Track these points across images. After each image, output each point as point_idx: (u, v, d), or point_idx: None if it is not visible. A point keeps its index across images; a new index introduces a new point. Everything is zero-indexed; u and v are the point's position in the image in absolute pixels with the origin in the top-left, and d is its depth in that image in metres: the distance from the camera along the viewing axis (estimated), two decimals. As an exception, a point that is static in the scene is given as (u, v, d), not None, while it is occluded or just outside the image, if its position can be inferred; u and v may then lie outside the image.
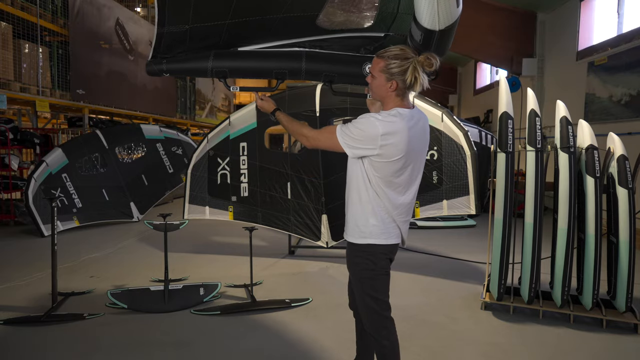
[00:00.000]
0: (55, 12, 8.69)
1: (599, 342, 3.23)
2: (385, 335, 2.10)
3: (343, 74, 2.38)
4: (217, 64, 2.32)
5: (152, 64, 2.35)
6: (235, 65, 2.35)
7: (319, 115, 5.14)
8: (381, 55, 1.98)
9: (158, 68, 2.35)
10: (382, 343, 2.10)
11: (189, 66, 2.37)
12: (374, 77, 2.01)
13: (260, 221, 5.38)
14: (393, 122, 1.93)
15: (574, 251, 3.48)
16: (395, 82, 1.95)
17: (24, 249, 5.90)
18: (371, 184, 2.00)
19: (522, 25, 9.60)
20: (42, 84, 8.17)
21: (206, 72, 2.34)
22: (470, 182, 4.61)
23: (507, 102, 3.64)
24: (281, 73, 2.35)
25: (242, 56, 2.36)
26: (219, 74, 2.35)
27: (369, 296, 2.08)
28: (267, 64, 2.36)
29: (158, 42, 2.18)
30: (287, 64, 2.34)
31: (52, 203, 3.71)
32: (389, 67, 1.94)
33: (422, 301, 4.00)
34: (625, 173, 3.42)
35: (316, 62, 2.36)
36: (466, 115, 14.92)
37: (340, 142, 1.99)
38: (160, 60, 2.33)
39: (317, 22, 2.24)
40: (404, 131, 1.93)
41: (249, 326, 3.47)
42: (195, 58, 2.33)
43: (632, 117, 6.56)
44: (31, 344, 3.14)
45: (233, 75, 2.38)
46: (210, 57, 2.31)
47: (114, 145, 8.01)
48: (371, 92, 2.09)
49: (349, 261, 2.15)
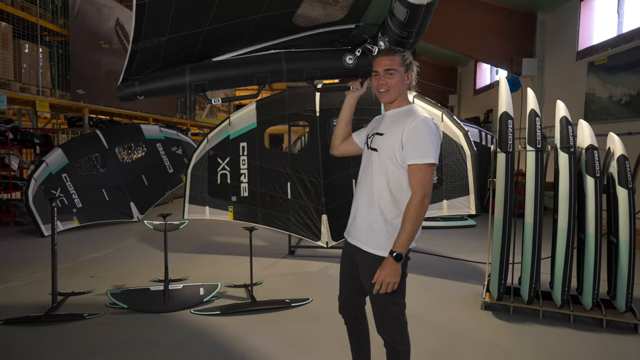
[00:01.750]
0: (55, 12, 8.69)
1: (599, 342, 3.23)
2: (401, 341, 2.07)
3: (324, 69, 2.32)
4: (195, 77, 2.19)
5: (124, 87, 2.19)
6: (214, 76, 2.23)
7: (319, 115, 5.14)
8: (392, 52, 2.00)
9: (131, 92, 2.19)
10: (397, 348, 2.07)
11: (165, 84, 2.20)
12: (396, 72, 1.99)
13: (260, 221, 5.39)
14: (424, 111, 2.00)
15: (574, 251, 3.48)
16: (411, 74, 2.03)
17: (24, 249, 5.90)
18: (405, 189, 1.98)
19: (522, 25, 9.60)
20: (42, 84, 8.17)
21: (184, 88, 2.20)
22: (470, 182, 4.61)
23: (507, 102, 3.64)
24: (263, 77, 2.26)
25: (219, 66, 2.26)
26: (198, 88, 2.21)
27: (392, 303, 2.02)
28: (247, 70, 2.26)
29: (130, 61, 2.02)
30: (267, 67, 2.26)
31: (52, 203, 3.71)
32: (405, 60, 2.00)
33: (422, 301, 4.00)
34: (625, 173, 3.42)
35: (296, 61, 2.30)
36: (466, 115, 14.92)
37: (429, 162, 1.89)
38: (132, 82, 2.19)
39: (293, 19, 2.16)
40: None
41: (249, 326, 3.47)
42: (170, 75, 2.20)
43: (632, 117, 6.56)
44: (31, 344, 3.14)
45: (213, 87, 2.26)
46: (186, 72, 2.19)
47: (114, 145, 8.02)
48: (389, 90, 2.01)
49: (372, 271, 1.96)
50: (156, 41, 1.94)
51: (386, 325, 2.06)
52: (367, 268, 2.04)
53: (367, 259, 2.04)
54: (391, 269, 1.88)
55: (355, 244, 2.11)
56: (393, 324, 2.05)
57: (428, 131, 1.91)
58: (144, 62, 2.08)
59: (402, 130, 1.94)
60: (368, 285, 2.04)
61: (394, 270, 1.88)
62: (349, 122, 2.35)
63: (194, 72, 2.19)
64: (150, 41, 1.91)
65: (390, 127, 2.03)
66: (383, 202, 1.99)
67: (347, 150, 2.35)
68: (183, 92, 2.32)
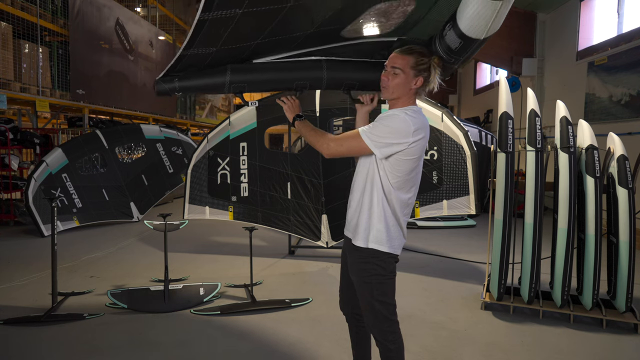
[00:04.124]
0: (55, 12, 8.69)
1: (599, 342, 3.23)
2: (392, 340, 2.07)
3: (363, 81, 2.29)
4: (235, 78, 2.18)
5: (162, 82, 2.17)
6: (253, 78, 2.22)
7: (319, 115, 5.14)
8: (409, 51, 1.97)
9: (169, 87, 2.17)
10: (388, 347, 2.07)
11: (204, 82, 2.20)
12: (402, 72, 1.96)
13: (260, 221, 5.39)
14: (421, 119, 1.95)
15: (574, 251, 3.48)
16: (421, 79, 1.96)
17: (24, 249, 5.90)
18: (384, 186, 1.97)
19: (522, 25, 9.60)
20: (42, 84, 8.17)
21: (223, 88, 2.19)
22: (470, 182, 4.61)
23: (507, 102, 3.64)
24: (302, 84, 2.24)
25: (259, 69, 2.23)
26: (237, 89, 2.21)
27: (378, 302, 2.03)
28: (288, 75, 2.25)
29: (176, 63, 2.02)
30: (308, 74, 2.24)
31: (52, 203, 3.71)
32: (419, 64, 1.95)
33: (422, 301, 4.00)
34: (625, 173, 3.42)
35: (336, 70, 2.27)
36: (466, 115, 14.92)
37: (367, 143, 1.92)
38: (172, 78, 2.17)
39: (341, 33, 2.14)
40: (427, 127, 1.98)
41: (249, 326, 3.47)
42: (210, 73, 2.19)
43: (632, 117, 6.56)
44: (31, 344, 3.14)
45: (251, 89, 2.25)
46: (227, 72, 2.17)
47: (114, 145, 8.02)
48: (386, 88, 2.00)
49: (356, 267, 2.06)
50: (207, 50, 1.95)
51: (375, 324, 2.08)
52: (352, 262, 2.11)
53: (353, 252, 2.09)
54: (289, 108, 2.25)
55: (347, 235, 2.17)
56: (382, 322, 2.06)
57: (394, 121, 1.92)
58: (189, 65, 2.09)
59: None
60: (354, 281, 2.11)
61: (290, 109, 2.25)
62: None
63: (234, 72, 2.19)
64: (201, 49, 1.93)
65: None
66: (365, 197, 2.03)
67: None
68: (221, 92, 2.27)
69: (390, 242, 2.00)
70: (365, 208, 2.02)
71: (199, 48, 1.91)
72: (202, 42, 1.85)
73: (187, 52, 1.92)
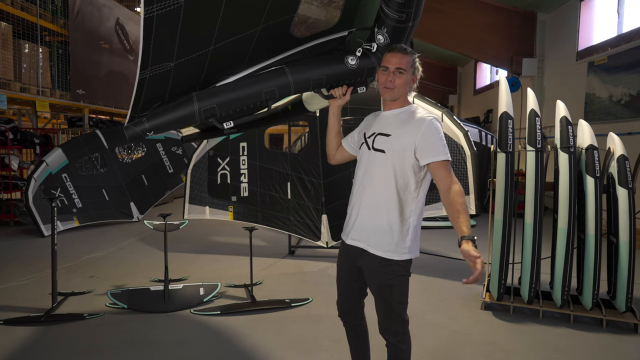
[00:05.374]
0: (55, 12, 8.70)
1: (599, 342, 3.23)
2: (404, 340, 2.08)
3: (329, 75, 2.28)
4: (203, 103, 2.12)
5: (132, 127, 2.05)
6: (221, 99, 2.16)
7: (318, 115, 5.14)
8: (405, 51, 2.01)
9: (140, 129, 2.06)
10: (400, 348, 2.07)
11: (174, 116, 2.11)
12: (405, 72, 1.99)
13: (260, 221, 5.39)
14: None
15: (574, 251, 3.48)
16: (416, 77, 2.06)
17: (24, 249, 5.90)
18: (419, 193, 2.02)
19: (522, 25, 9.60)
20: (42, 84, 8.18)
21: (194, 116, 2.11)
22: (470, 182, 4.61)
23: (507, 102, 3.64)
24: (270, 92, 2.20)
25: (225, 90, 2.20)
26: (208, 113, 2.13)
27: (399, 303, 2.04)
28: (254, 88, 2.21)
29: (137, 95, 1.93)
30: (273, 82, 2.21)
31: (52, 203, 3.71)
32: (414, 62, 2.03)
33: (422, 301, 4.00)
34: (625, 173, 3.42)
35: (300, 72, 2.25)
36: (466, 115, 14.91)
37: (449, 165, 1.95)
38: (140, 120, 2.08)
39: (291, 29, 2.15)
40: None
41: (249, 326, 3.47)
42: (177, 106, 2.11)
43: (632, 117, 6.56)
44: (31, 344, 3.14)
45: (222, 110, 2.18)
46: (193, 100, 2.11)
47: (114, 145, 8.00)
48: (393, 88, 2.01)
49: (380, 276, 2.02)
50: (164, 67, 1.89)
51: (391, 327, 2.07)
52: (374, 271, 2.03)
53: (374, 262, 2.02)
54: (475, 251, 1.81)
55: (357, 246, 2.08)
56: (397, 323, 2.07)
57: (439, 131, 1.97)
58: (151, 94, 2.01)
59: (416, 132, 1.95)
60: (375, 287, 2.06)
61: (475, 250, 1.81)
62: (339, 131, 2.33)
63: (201, 99, 2.14)
64: (158, 67, 1.86)
65: (398, 128, 2.01)
66: (390, 204, 1.98)
67: (343, 158, 2.34)
68: (193, 122, 2.18)
69: (417, 248, 2.14)
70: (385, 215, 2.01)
71: (155, 65, 1.83)
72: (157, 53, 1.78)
73: (146, 74, 1.84)
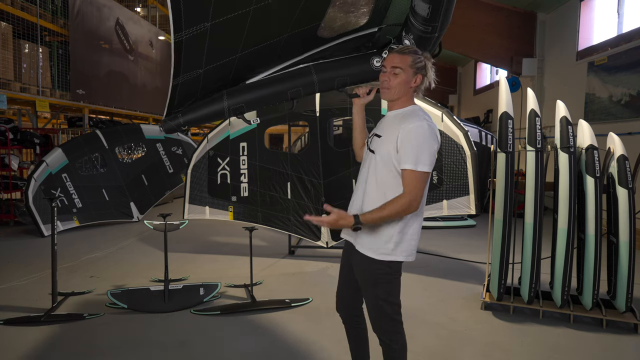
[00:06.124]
0: (55, 12, 8.70)
1: (599, 342, 3.23)
2: (396, 339, 2.07)
3: (354, 75, 2.35)
4: (232, 101, 2.30)
5: (168, 121, 2.32)
6: (249, 97, 2.32)
7: (319, 115, 5.14)
8: (405, 51, 2.00)
9: (175, 124, 2.31)
10: (392, 347, 2.07)
11: (205, 112, 2.32)
12: (402, 71, 1.98)
13: (260, 221, 5.39)
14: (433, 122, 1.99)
15: (574, 251, 3.48)
16: (420, 77, 2.00)
17: (24, 249, 5.90)
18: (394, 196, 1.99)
19: (522, 25, 9.60)
20: (42, 84, 8.18)
21: (223, 113, 2.32)
22: (470, 182, 4.61)
23: (507, 102, 3.64)
24: (296, 91, 2.32)
25: (253, 87, 2.35)
26: (237, 111, 2.32)
27: (384, 301, 2.03)
28: (280, 87, 2.33)
29: (172, 96, 2.12)
30: (298, 81, 2.32)
31: (52, 203, 3.71)
32: (416, 62, 1.98)
33: (422, 301, 4.00)
34: (625, 173, 3.42)
35: (325, 71, 2.34)
36: (466, 115, 14.92)
37: (427, 171, 1.90)
38: (175, 115, 2.30)
39: (317, 32, 2.20)
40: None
41: (249, 326, 3.47)
42: (209, 102, 2.31)
43: (632, 117, 6.56)
44: (31, 344, 3.14)
45: (250, 107, 2.36)
46: (223, 97, 2.30)
47: (114, 145, 8.01)
48: (389, 88, 2.01)
49: (365, 272, 2.05)
50: (194, 74, 2.02)
51: (381, 324, 2.08)
52: (359, 267, 2.10)
53: (359, 258, 2.07)
54: (343, 222, 1.93)
55: (349, 240, 2.16)
56: (388, 323, 2.06)
57: (424, 137, 1.89)
58: (184, 95, 2.18)
59: (397, 134, 1.93)
60: (360, 283, 2.12)
61: (341, 224, 1.93)
62: (363, 128, 2.36)
63: (230, 96, 2.30)
64: (189, 74, 2.00)
65: (388, 129, 2.02)
66: (372, 205, 1.98)
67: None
68: (223, 117, 2.39)
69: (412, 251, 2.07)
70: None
71: (186, 73, 1.97)
72: (186, 65, 1.91)
73: (178, 81, 1.99)
